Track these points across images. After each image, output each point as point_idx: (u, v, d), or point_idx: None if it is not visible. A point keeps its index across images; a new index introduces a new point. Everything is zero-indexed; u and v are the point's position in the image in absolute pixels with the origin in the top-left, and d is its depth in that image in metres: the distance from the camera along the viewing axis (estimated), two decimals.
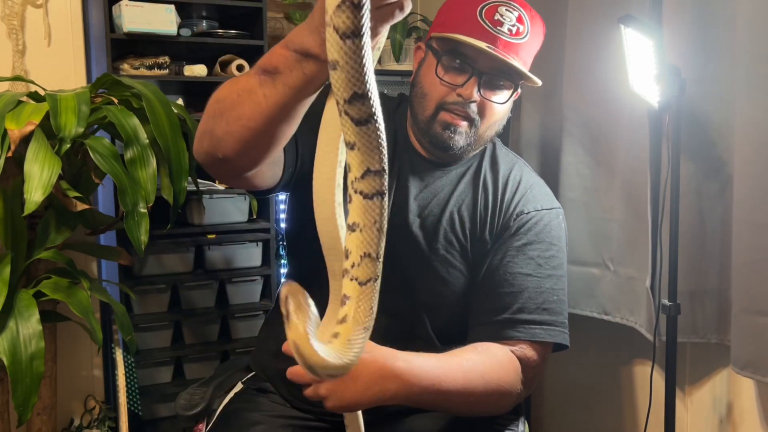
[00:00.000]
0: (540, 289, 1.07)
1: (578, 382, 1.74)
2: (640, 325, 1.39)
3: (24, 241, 1.51)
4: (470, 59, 1.03)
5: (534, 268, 1.07)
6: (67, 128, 1.36)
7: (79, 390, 2.02)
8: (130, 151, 1.45)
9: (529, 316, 1.05)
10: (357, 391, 0.88)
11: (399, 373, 0.91)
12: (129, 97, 1.55)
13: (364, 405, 0.90)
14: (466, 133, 1.06)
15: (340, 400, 0.88)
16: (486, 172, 1.15)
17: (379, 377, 0.90)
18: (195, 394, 1.23)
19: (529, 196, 1.13)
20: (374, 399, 0.90)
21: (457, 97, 1.04)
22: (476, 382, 0.97)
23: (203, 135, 0.86)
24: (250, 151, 0.83)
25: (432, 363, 0.95)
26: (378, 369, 0.90)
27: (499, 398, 1.00)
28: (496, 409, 1.04)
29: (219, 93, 0.84)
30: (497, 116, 1.09)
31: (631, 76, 1.26)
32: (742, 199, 1.13)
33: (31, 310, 1.41)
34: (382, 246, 0.64)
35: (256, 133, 0.79)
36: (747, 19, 1.12)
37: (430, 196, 1.12)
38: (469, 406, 0.99)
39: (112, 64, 1.78)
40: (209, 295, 2.05)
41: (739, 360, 1.15)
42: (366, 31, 0.55)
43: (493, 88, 1.06)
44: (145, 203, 1.45)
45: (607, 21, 1.40)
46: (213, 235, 2.01)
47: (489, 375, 0.98)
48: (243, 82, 0.79)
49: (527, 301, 1.05)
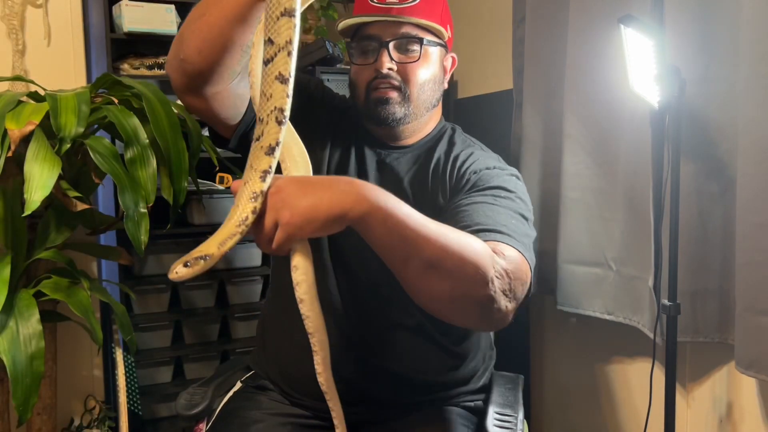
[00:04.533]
0: (497, 212, 1.01)
1: (578, 382, 1.74)
2: (642, 325, 1.39)
3: (24, 241, 1.51)
4: (373, 37, 1.14)
5: (489, 200, 1.04)
6: (67, 128, 1.36)
7: (79, 390, 2.02)
8: (130, 151, 1.45)
9: (488, 227, 0.97)
10: (317, 195, 0.76)
11: (373, 192, 0.79)
12: (129, 97, 1.55)
13: (323, 212, 0.75)
14: (398, 101, 1.14)
15: (295, 207, 0.74)
16: (440, 153, 1.19)
17: (348, 187, 0.78)
18: (195, 394, 1.23)
19: (481, 161, 1.16)
20: (337, 208, 0.75)
21: (375, 73, 1.13)
22: (453, 238, 0.84)
23: (174, 43, 0.97)
24: (207, 49, 0.92)
25: (415, 211, 0.84)
26: (348, 182, 0.79)
27: (474, 271, 0.83)
28: (469, 285, 0.85)
29: (198, 3, 0.95)
30: (422, 77, 1.15)
31: (631, 76, 1.26)
32: (745, 199, 1.13)
33: (31, 310, 1.41)
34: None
35: (216, 30, 0.89)
36: (748, 18, 1.12)
37: (387, 176, 1.18)
38: (443, 263, 0.82)
39: (112, 64, 1.78)
40: (209, 295, 2.05)
41: (743, 359, 1.15)
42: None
43: (403, 51, 1.14)
44: (145, 203, 1.45)
45: (607, 21, 1.40)
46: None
47: (466, 241, 0.86)
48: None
49: (485, 220, 0.99)
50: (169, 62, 0.99)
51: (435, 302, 0.88)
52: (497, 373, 1.31)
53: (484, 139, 1.28)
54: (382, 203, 0.78)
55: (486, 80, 2.05)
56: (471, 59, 2.13)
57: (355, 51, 1.16)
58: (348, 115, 1.25)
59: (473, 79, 2.14)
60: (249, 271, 2.07)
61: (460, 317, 0.92)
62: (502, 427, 1.12)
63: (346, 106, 1.27)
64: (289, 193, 0.75)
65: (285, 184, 0.77)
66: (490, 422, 1.12)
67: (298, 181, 0.78)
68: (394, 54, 1.13)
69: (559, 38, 1.57)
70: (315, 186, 0.77)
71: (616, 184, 1.45)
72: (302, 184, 0.77)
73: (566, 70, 1.54)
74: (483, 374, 1.23)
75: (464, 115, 2.13)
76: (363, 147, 1.21)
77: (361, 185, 0.79)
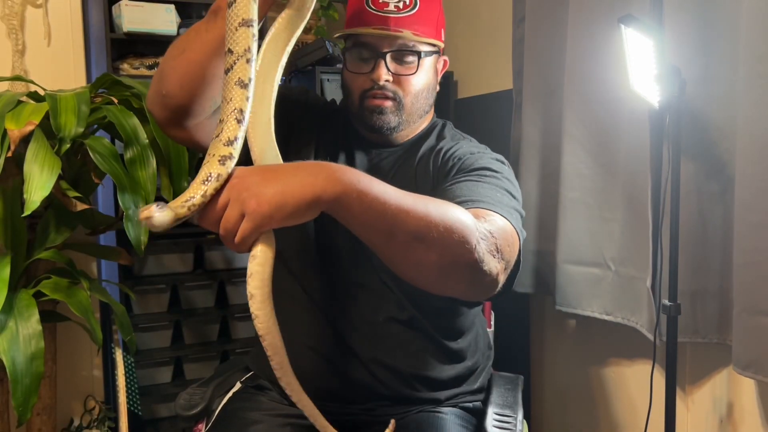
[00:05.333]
0: (482, 187, 1.01)
1: (578, 383, 1.74)
2: (641, 326, 1.39)
3: (24, 241, 1.51)
4: (371, 46, 1.13)
5: (474, 178, 1.04)
6: (66, 128, 1.36)
7: (78, 390, 2.02)
8: (130, 151, 1.45)
9: (471, 198, 0.97)
10: (284, 180, 0.71)
11: (345, 172, 0.74)
12: (129, 97, 1.55)
13: (294, 197, 0.70)
14: (392, 111, 1.14)
15: (262, 195, 0.69)
16: (429, 144, 1.20)
17: (317, 169, 0.73)
18: (195, 394, 1.23)
19: (466, 148, 1.16)
20: (308, 192, 0.71)
21: (372, 83, 1.13)
22: (432, 207, 0.81)
23: (154, 79, 0.99)
24: (189, 84, 0.93)
25: (390, 186, 0.80)
26: (315, 164, 0.75)
27: (460, 236, 0.81)
28: (456, 251, 0.82)
29: (174, 42, 0.97)
30: (417, 87, 1.15)
31: (631, 76, 1.26)
32: (744, 199, 1.13)
33: (30, 310, 1.41)
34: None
35: (196, 64, 0.91)
36: (748, 18, 1.11)
37: (378, 172, 1.15)
38: (426, 233, 0.79)
39: (112, 64, 1.78)
40: (209, 295, 2.05)
41: (741, 360, 1.14)
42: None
43: (401, 63, 1.14)
44: (145, 203, 1.45)
45: (607, 21, 1.40)
46: (213, 235, 2.01)
47: (445, 208, 0.83)
48: (193, 26, 0.94)
49: (469, 193, 0.98)
50: (150, 99, 1.01)
51: (423, 274, 0.84)
52: (496, 374, 1.31)
53: (484, 139, 1.28)
54: (355, 182, 0.73)
55: (486, 80, 2.05)
56: (471, 59, 2.13)
57: (350, 57, 1.16)
58: (334, 118, 1.25)
59: (473, 79, 2.14)
60: None
61: (451, 286, 0.88)
62: (501, 428, 1.12)
63: (331, 109, 1.27)
64: (254, 181, 0.70)
65: (248, 172, 0.72)
66: (489, 423, 1.12)
67: (261, 169, 0.74)
68: (391, 65, 1.13)
69: (559, 38, 1.57)
70: (281, 172, 0.73)
71: (616, 184, 1.45)
72: (267, 170, 0.73)
73: (566, 70, 1.54)
74: (481, 374, 1.23)
75: (464, 115, 2.13)
76: (353, 149, 1.21)
77: (330, 166, 0.74)
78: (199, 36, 0.91)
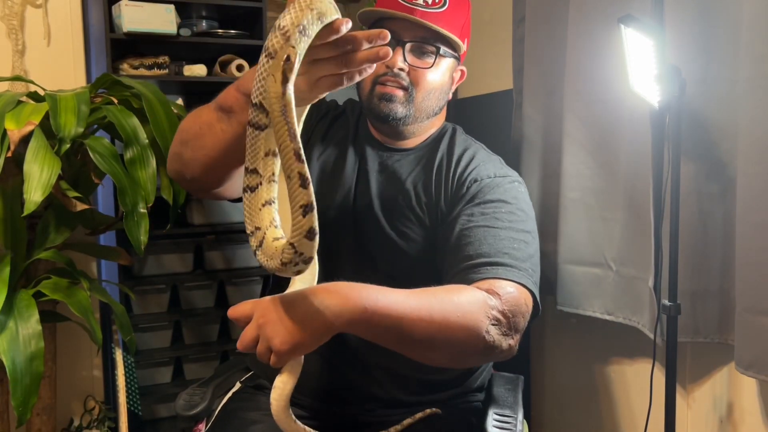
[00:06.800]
0: (499, 238, 1.03)
1: (578, 383, 1.74)
2: (642, 325, 1.39)
3: (24, 241, 1.51)
4: (393, 32, 1.12)
5: (491, 221, 1.06)
6: (66, 128, 1.36)
7: (78, 390, 2.02)
8: (129, 151, 1.45)
9: (489, 259, 1.00)
10: (298, 322, 0.78)
11: (352, 297, 0.81)
12: (129, 97, 1.55)
13: (309, 337, 0.79)
14: (402, 101, 1.13)
15: (283, 334, 0.78)
16: (443, 153, 1.20)
17: (327, 301, 0.80)
18: (195, 395, 1.23)
19: (482, 167, 1.16)
20: (321, 329, 0.79)
21: (386, 69, 1.12)
22: (437, 309, 0.87)
23: (173, 157, 1.02)
24: (213, 173, 0.98)
25: (394, 293, 0.87)
26: (325, 295, 0.80)
27: (467, 333, 0.88)
28: (465, 345, 0.90)
29: (185, 123, 0.99)
30: (431, 85, 1.15)
31: (631, 76, 1.26)
32: (745, 199, 1.13)
33: (30, 310, 1.41)
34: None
35: (217, 160, 0.94)
36: (749, 18, 1.11)
37: (389, 178, 1.19)
38: (433, 338, 0.87)
39: (112, 64, 1.77)
40: (209, 295, 2.05)
41: (743, 360, 1.14)
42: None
43: (419, 55, 1.14)
44: (145, 203, 1.45)
45: (607, 21, 1.39)
46: (213, 235, 2.01)
47: (452, 305, 0.89)
48: (204, 116, 0.93)
49: (488, 249, 1.01)
50: (171, 173, 1.05)
51: (438, 363, 0.96)
52: (497, 374, 1.31)
53: (484, 139, 1.28)
54: (361, 308, 0.80)
55: (486, 80, 2.05)
56: (471, 59, 2.12)
57: None
58: (340, 120, 1.26)
59: (473, 79, 2.13)
60: (249, 272, 2.07)
61: (467, 364, 1.05)
62: (501, 428, 1.12)
63: (336, 112, 1.28)
64: (273, 320, 0.78)
65: (267, 309, 0.80)
66: (489, 423, 1.12)
67: (278, 307, 0.80)
68: (409, 56, 1.13)
69: (559, 38, 1.57)
70: (296, 310, 0.79)
71: (616, 184, 1.45)
72: (283, 309, 0.79)
73: (566, 70, 1.54)
74: (481, 374, 1.23)
75: (464, 115, 2.13)
76: (364, 148, 1.21)
77: (339, 294, 0.80)
78: (215, 137, 0.91)
